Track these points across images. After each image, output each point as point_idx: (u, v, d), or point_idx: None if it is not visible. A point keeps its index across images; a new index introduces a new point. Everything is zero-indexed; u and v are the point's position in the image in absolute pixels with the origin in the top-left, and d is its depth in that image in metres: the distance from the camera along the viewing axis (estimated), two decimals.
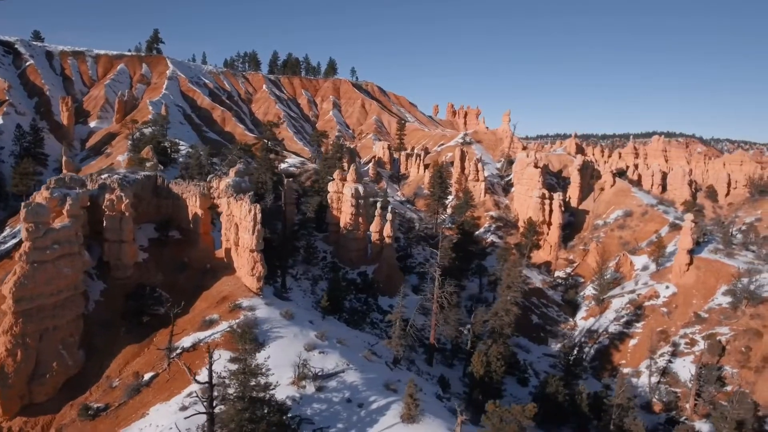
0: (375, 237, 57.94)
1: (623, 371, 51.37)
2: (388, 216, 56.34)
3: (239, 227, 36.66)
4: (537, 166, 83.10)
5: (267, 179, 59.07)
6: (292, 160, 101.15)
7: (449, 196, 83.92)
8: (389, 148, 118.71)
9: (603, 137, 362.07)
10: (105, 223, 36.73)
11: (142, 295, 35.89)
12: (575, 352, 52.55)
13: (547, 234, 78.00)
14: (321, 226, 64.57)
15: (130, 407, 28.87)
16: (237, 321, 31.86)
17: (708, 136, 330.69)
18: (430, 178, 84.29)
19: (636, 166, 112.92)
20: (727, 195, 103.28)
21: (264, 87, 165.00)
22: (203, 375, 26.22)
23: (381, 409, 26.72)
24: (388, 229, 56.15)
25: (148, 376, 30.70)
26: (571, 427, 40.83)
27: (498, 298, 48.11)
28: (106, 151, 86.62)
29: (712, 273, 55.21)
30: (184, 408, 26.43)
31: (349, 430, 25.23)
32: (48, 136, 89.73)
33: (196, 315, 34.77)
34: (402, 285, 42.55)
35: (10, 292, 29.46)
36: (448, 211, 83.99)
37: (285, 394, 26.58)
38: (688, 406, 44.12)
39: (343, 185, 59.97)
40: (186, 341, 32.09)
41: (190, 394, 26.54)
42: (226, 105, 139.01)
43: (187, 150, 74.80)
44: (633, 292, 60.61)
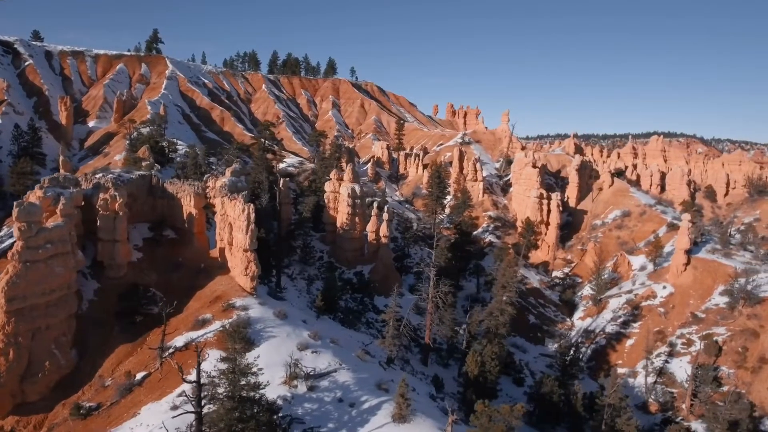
0: (371, 237, 57.85)
1: (619, 371, 51.26)
2: (384, 216, 56.26)
3: (233, 227, 36.60)
4: (535, 166, 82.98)
5: (263, 179, 59.01)
6: (290, 159, 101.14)
7: (448, 196, 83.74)
8: (388, 148, 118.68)
9: (604, 137, 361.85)
10: (99, 223, 36.68)
11: (135, 295, 35.83)
12: (572, 352, 52.40)
13: (545, 234, 77.90)
14: (318, 225, 64.46)
15: (122, 406, 28.82)
16: (230, 320, 31.66)
17: (709, 136, 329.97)
18: (428, 178, 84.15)
19: (635, 166, 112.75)
20: (725, 195, 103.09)
21: (263, 87, 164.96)
22: (194, 374, 26.14)
23: (372, 409, 26.63)
24: (384, 229, 56.07)
25: (140, 376, 30.65)
26: (566, 426, 40.80)
27: (494, 298, 48.02)
28: (104, 151, 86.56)
29: (710, 273, 55.11)
30: (175, 407, 26.36)
31: (340, 430, 25.15)
32: (46, 135, 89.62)
33: (189, 314, 34.70)
34: (397, 285, 42.41)
35: (2, 291, 29.43)
36: (447, 211, 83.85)
37: (276, 394, 26.53)
38: (684, 406, 44.03)
39: (339, 185, 59.90)
40: (179, 341, 32.04)
41: (181, 394, 26.41)
42: (225, 105, 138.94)
43: (185, 150, 74.83)
44: (630, 292, 60.50)
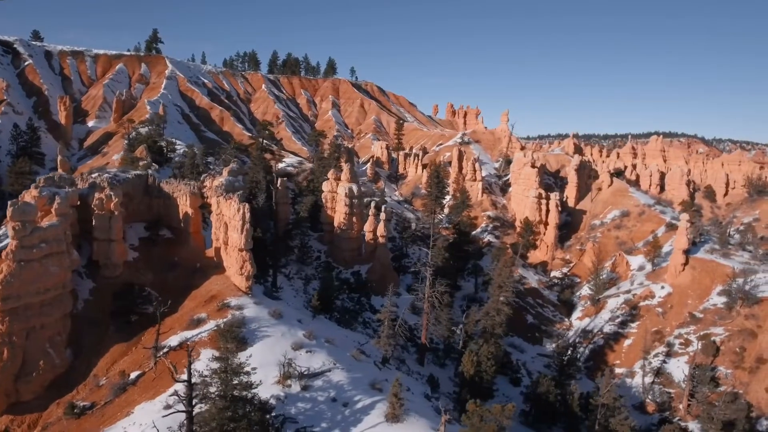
0: (369, 237, 57.77)
1: (617, 371, 51.20)
2: (382, 216, 56.20)
3: (228, 226, 36.58)
4: (534, 166, 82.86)
5: (260, 179, 59.01)
6: (289, 159, 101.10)
7: (447, 196, 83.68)
8: (387, 147, 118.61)
9: (605, 137, 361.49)
10: (94, 222, 36.67)
11: (130, 294, 35.79)
12: (569, 352, 52.33)
13: (544, 234, 77.83)
14: (316, 225, 64.43)
15: (116, 406, 28.79)
16: (224, 320, 31.69)
17: (710, 136, 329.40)
18: (427, 177, 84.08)
19: (634, 166, 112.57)
20: (725, 195, 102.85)
21: (263, 87, 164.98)
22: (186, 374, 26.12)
23: (366, 409, 26.58)
24: (381, 229, 56.00)
25: (134, 375, 30.61)
26: (563, 426, 40.70)
27: (490, 297, 47.95)
28: (103, 151, 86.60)
29: (708, 273, 54.95)
30: (168, 407, 26.35)
31: (333, 430, 25.10)
32: (46, 135, 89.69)
33: (184, 314, 34.68)
34: (392, 284, 42.34)
35: None
36: (446, 211, 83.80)
37: (270, 393, 26.50)
38: (681, 406, 43.90)
39: (337, 185, 59.84)
40: (173, 340, 32.00)
41: (174, 393, 26.41)
42: (225, 105, 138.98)
43: (183, 150, 74.80)
44: (628, 292, 60.37)
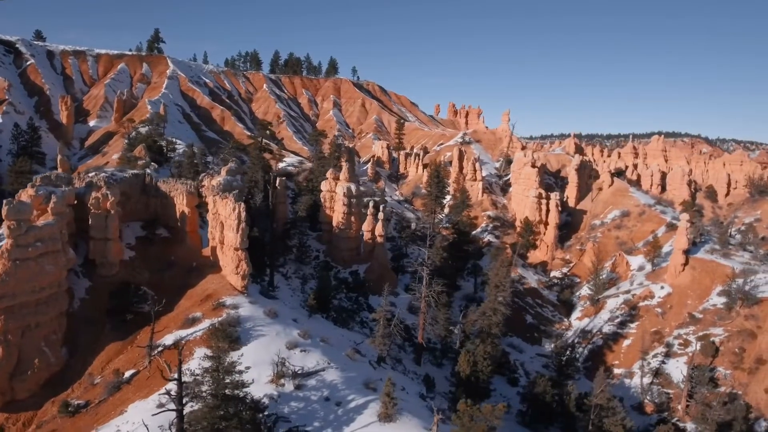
0: (367, 236, 57.72)
1: (616, 372, 51.02)
2: (380, 215, 56.13)
3: (224, 225, 36.55)
4: (534, 166, 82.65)
5: (259, 178, 59.06)
6: (290, 159, 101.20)
7: (447, 196, 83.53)
8: (388, 147, 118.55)
9: (608, 137, 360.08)
10: (90, 221, 36.71)
11: (126, 293, 35.80)
12: (568, 352, 52.20)
13: (544, 234, 77.64)
14: (315, 225, 64.46)
15: (110, 404, 28.82)
16: (219, 319, 31.72)
17: (714, 136, 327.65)
18: (427, 177, 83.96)
19: (635, 166, 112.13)
20: (726, 195, 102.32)
21: (264, 86, 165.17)
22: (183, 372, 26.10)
23: (359, 408, 26.52)
24: (379, 229, 55.94)
25: (128, 374, 30.64)
26: (560, 426, 40.54)
27: (487, 297, 47.83)
28: (104, 150, 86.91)
29: (708, 273, 54.67)
30: (161, 405, 26.33)
31: (325, 429, 25.05)
32: (47, 135, 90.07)
33: (179, 313, 34.68)
34: (388, 284, 42.28)
35: None
36: (446, 210, 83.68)
37: (263, 392, 26.46)
38: (680, 407, 43.70)
39: (336, 184, 59.82)
40: (168, 339, 31.98)
41: (168, 392, 26.42)
42: (226, 104, 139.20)
43: (183, 149, 74.93)
44: (628, 292, 60.14)
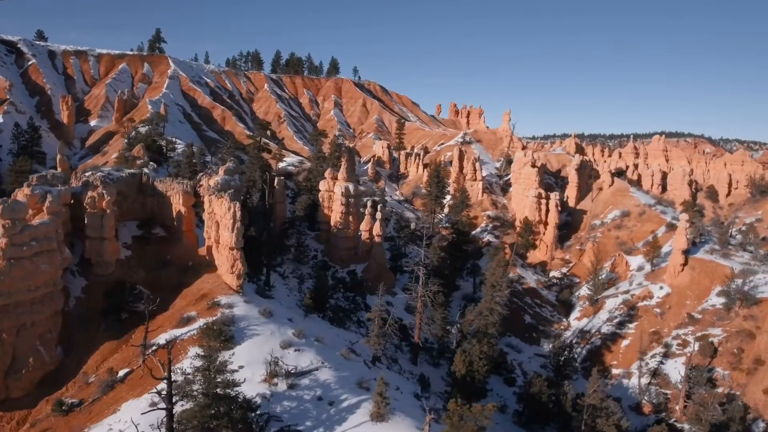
0: (365, 236, 57.64)
1: (614, 372, 50.84)
2: (378, 215, 56.05)
3: (219, 225, 36.57)
4: (534, 166, 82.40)
5: (257, 177, 59.08)
6: (290, 159, 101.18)
7: (447, 196, 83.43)
8: (389, 147, 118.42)
9: (610, 137, 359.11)
10: (86, 220, 36.77)
11: (122, 292, 35.86)
12: (566, 352, 52.00)
13: (544, 234, 77.41)
14: (313, 224, 64.43)
15: (104, 403, 28.87)
16: (214, 318, 31.74)
17: (717, 136, 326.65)
18: (427, 177, 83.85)
19: (636, 166, 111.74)
20: (728, 195, 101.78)
21: (265, 86, 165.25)
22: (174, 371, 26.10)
23: (351, 408, 26.47)
24: (377, 228, 55.87)
25: (122, 373, 30.68)
26: (556, 427, 40.40)
27: (483, 297, 47.70)
28: (104, 150, 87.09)
29: (707, 273, 54.40)
30: (154, 404, 26.31)
31: (317, 428, 25.01)
32: (48, 134, 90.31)
33: (174, 312, 34.73)
34: (383, 283, 42.20)
35: None
36: (446, 210, 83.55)
37: (256, 392, 26.48)
38: (677, 407, 43.51)
39: (334, 184, 59.79)
40: (162, 338, 32.02)
41: (159, 391, 26.44)
42: (227, 104, 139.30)
43: (183, 148, 75.01)
44: (627, 292, 59.91)
